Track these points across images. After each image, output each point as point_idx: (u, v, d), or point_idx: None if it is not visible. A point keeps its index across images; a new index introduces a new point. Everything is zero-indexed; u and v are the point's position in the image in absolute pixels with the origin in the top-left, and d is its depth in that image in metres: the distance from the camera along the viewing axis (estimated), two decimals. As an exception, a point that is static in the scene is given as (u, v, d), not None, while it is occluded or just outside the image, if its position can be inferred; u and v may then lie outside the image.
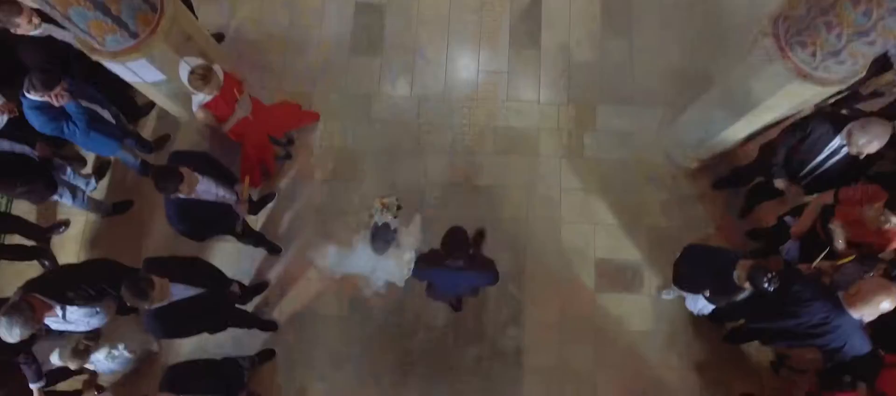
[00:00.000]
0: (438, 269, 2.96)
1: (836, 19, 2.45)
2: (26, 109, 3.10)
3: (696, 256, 3.38)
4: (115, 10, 2.60)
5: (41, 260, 3.98)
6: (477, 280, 3.13)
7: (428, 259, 3.04)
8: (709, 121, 3.58)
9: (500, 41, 4.55)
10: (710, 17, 4.58)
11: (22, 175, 3.35)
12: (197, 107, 3.16)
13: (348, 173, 4.25)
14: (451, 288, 3.34)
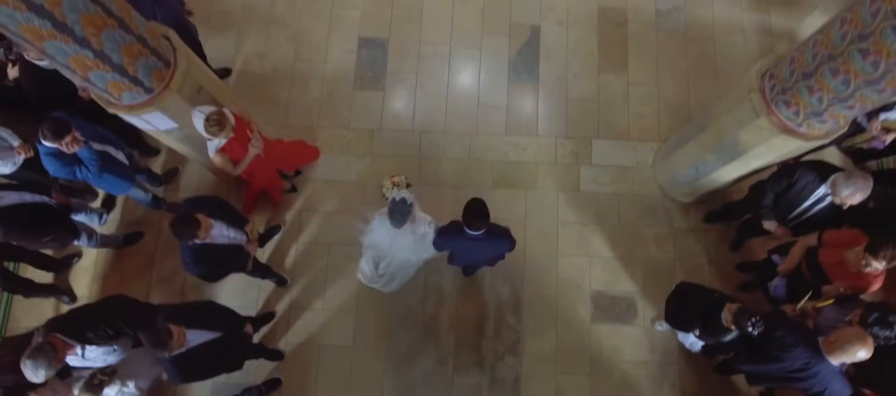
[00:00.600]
0: (459, 239, 3.14)
1: (817, 85, 2.58)
2: (42, 155, 3.23)
3: (686, 295, 3.52)
4: (133, 71, 2.73)
5: (60, 296, 4.11)
6: (496, 248, 3.31)
7: (449, 230, 3.22)
8: (700, 162, 3.72)
9: (500, 75, 4.68)
10: (704, 53, 4.72)
11: (47, 225, 3.48)
12: (213, 152, 3.29)
13: (352, 205, 4.38)
14: (472, 256, 3.53)
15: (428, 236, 3.33)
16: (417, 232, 3.33)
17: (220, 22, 4.78)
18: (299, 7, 4.82)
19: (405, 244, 3.37)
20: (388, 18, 4.79)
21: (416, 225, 3.31)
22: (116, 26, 2.52)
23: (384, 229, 3.31)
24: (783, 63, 2.83)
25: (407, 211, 3.13)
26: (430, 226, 3.32)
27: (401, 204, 3.12)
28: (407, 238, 3.32)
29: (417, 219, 3.32)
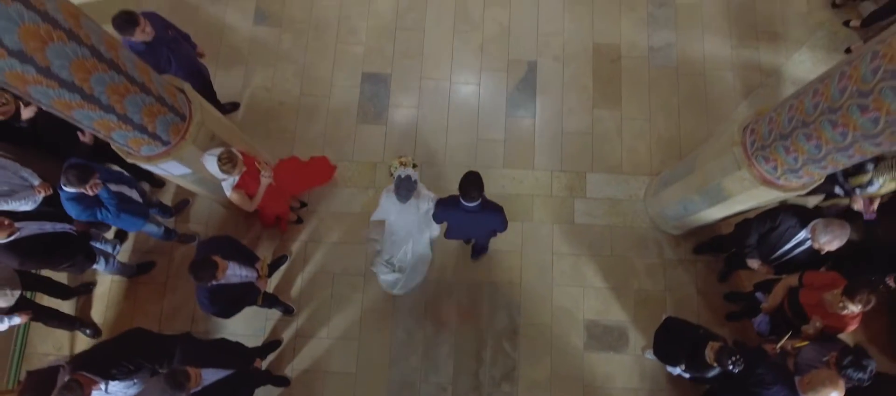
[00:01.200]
0: (455, 211, 3.36)
1: (792, 146, 2.76)
2: (63, 201, 3.42)
3: (672, 331, 3.71)
4: (152, 128, 2.92)
5: (82, 329, 4.29)
6: (490, 222, 3.53)
7: (446, 202, 3.45)
8: (687, 201, 3.90)
9: (498, 109, 4.86)
10: (694, 89, 4.90)
11: (65, 251, 3.67)
12: (230, 191, 3.46)
13: (356, 237, 4.56)
14: (467, 230, 3.75)
15: (431, 212, 3.62)
16: (421, 208, 3.62)
17: (229, 57, 4.96)
18: (305, 43, 5.00)
19: (410, 221, 3.68)
20: (390, 54, 4.97)
21: (420, 201, 3.60)
22: (138, 91, 2.70)
23: (391, 205, 3.61)
24: (762, 121, 3.01)
25: (412, 187, 3.39)
26: (432, 203, 3.59)
27: (406, 180, 3.39)
28: (412, 215, 3.62)
29: (422, 196, 3.62)
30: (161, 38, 3.63)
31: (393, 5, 5.09)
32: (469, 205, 3.24)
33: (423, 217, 3.63)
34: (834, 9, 5.05)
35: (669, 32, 5.01)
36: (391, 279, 4.04)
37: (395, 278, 4.03)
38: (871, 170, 3.54)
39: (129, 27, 3.32)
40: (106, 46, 2.46)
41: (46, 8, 2.08)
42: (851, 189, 3.69)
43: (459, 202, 3.26)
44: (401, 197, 3.41)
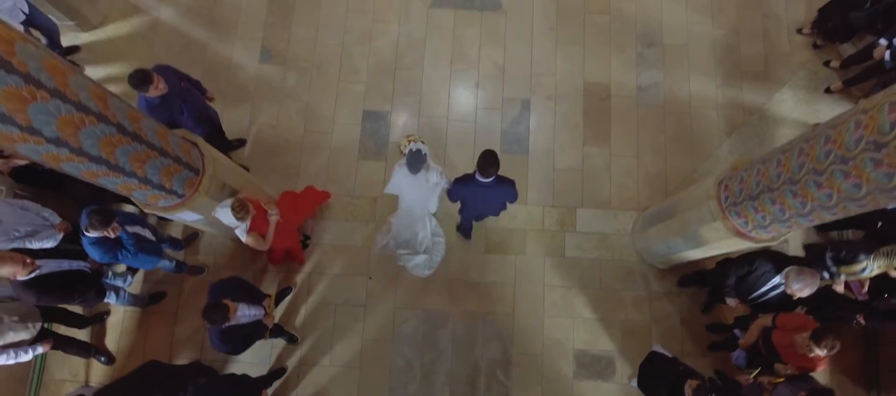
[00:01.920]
0: (471, 187, 3.65)
1: (760, 207, 2.99)
2: (86, 245, 3.65)
3: (655, 364, 3.95)
4: (169, 186, 3.15)
5: (97, 356, 4.53)
6: (503, 194, 3.80)
7: (462, 180, 3.72)
8: (670, 242, 4.13)
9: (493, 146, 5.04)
10: (681, 127, 5.12)
11: (78, 288, 3.90)
12: (245, 236, 3.68)
13: (357, 269, 4.80)
14: (481, 205, 4.01)
15: (439, 185, 4.01)
16: (430, 180, 3.98)
17: (236, 95, 5.19)
18: (308, 81, 5.24)
19: (419, 194, 4.06)
20: (389, 92, 5.21)
21: (429, 173, 3.95)
22: (158, 155, 2.94)
23: (403, 177, 3.97)
24: (735, 179, 3.24)
25: (422, 159, 3.72)
26: (440, 176, 3.96)
27: (417, 153, 3.73)
28: (422, 187, 3.99)
29: (430, 168, 3.96)
30: (174, 91, 3.86)
31: (393, 45, 5.32)
32: (484, 181, 3.53)
33: (432, 189, 4.04)
34: (815, 49, 5.27)
35: (657, 72, 5.24)
36: (420, 261, 4.63)
37: (422, 259, 4.62)
38: (864, 260, 3.52)
39: (144, 85, 3.55)
40: (129, 120, 2.70)
41: (80, 98, 2.32)
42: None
43: (475, 178, 3.56)
44: (412, 168, 3.74)
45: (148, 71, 3.58)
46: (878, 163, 2.13)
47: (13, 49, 1.98)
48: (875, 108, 2.15)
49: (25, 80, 2.03)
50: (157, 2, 5.47)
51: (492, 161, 3.41)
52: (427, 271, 4.73)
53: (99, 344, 4.66)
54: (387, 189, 4.20)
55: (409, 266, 4.74)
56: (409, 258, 4.69)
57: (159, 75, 3.68)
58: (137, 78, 3.55)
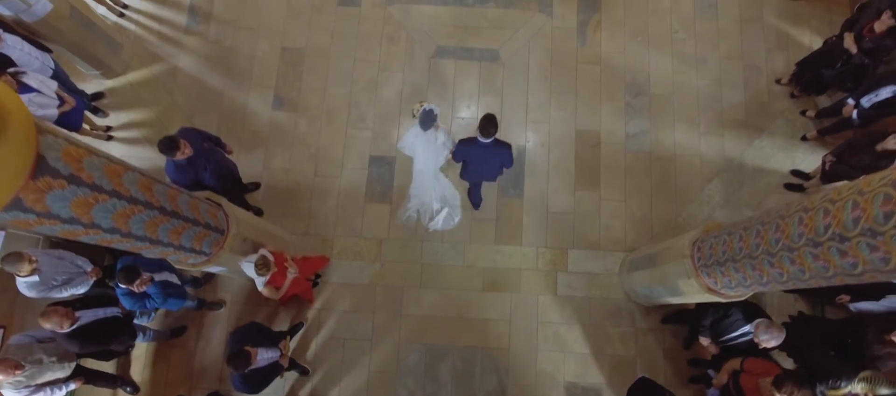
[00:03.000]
0: (473, 147, 4.21)
1: (726, 272, 3.36)
2: (119, 295, 4.03)
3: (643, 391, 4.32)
4: (199, 248, 3.52)
5: (124, 387, 4.90)
6: (500, 156, 4.32)
7: (465, 141, 4.30)
8: (652, 288, 4.49)
9: (490, 190, 5.44)
10: (666, 172, 5.49)
11: (113, 333, 4.28)
12: (262, 286, 4.05)
13: (364, 306, 5.17)
14: (482, 164, 4.51)
15: (446, 144, 4.60)
16: (438, 139, 4.55)
17: (250, 141, 5.56)
18: (318, 128, 5.60)
19: (430, 151, 4.64)
20: (394, 138, 5.57)
21: (438, 133, 4.52)
22: (191, 226, 3.31)
23: (415, 137, 4.60)
24: (706, 243, 3.61)
25: (433, 118, 4.32)
26: (446, 136, 4.59)
27: (429, 113, 4.31)
28: (430, 144, 4.57)
29: (440, 128, 4.53)
30: (198, 151, 4.22)
31: (397, 93, 5.69)
32: (484, 141, 4.05)
33: (440, 147, 4.61)
34: (792, 99, 5.63)
35: (644, 120, 5.60)
36: (444, 215, 5.19)
37: (445, 213, 5.19)
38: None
39: (172, 151, 3.91)
40: (169, 200, 3.07)
41: (131, 192, 2.69)
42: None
43: (476, 139, 4.09)
44: (424, 126, 4.34)
45: (175, 138, 3.95)
46: (816, 258, 2.50)
47: (82, 164, 2.35)
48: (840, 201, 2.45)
49: (91, 189, 2.40)
50: (176, 51, 5.84)
51: (491, 121, 3.96)
52: (456, 219, 5.30)
53: (125, 376, 5.03)
54: (400, 144, 4.96)
55: (438, 227, 5.28)
56: (435, 219, 5.23)
57: (185, 140, 4.04)
58: (166, 144, 3.91)
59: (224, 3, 5.98)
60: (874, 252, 2.17)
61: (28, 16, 4.62)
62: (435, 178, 5.09)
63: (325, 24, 5.90)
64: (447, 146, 4.62)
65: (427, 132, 4.44)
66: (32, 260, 3.91)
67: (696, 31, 5.83)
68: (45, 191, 2.15)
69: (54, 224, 2.33)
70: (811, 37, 5.80)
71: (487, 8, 5.93)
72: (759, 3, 5.92)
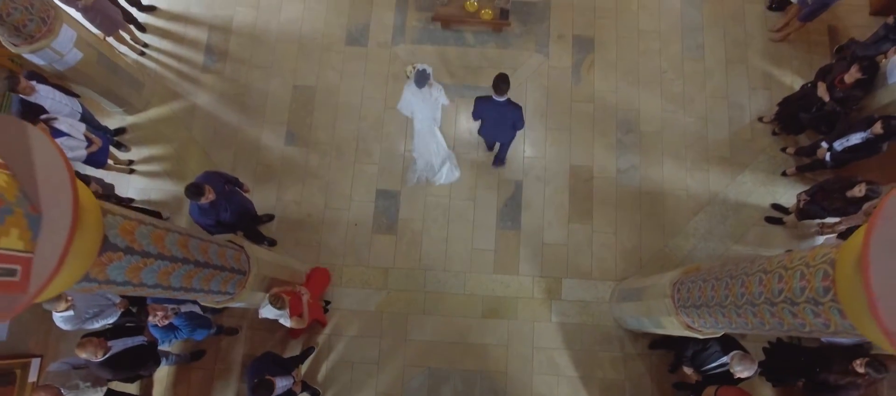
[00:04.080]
0: (488, 105, 4.63)
1: (702, 314, 3.72)
2: (150, 327, 4.40)
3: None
4: (224, 289, 3.88)
5: None
6: (513, 115, 4.70)
7: (482, 98, 4.69)
8: (639, 319, 4.85)
9: (489, 223, 5.81)
10: (654, 205, 5.84)
11: (141, 361, 4.64)
12: (288, 321, 4.40)
13: (371, 331, 5.53)
14: (497, 123, 4.90)
15: (440, 100, 5.05)
16: (433, 96, 4.94)
17: (264, 174, 5.92)
18: (328, 162, 5.96)
19: (427, 107, 5.08)
20: (399, 172, 5.93)
21: (433, 90, 4.92)
22: (219, 272, 3.67)
23: (411, 95, 4.97)
24: (684, 286, 3.96)
25: (426, 76, 4.77)
26: (441, 92, 4.99)
27: (422, 72, 4.75)
28: (426, 101, 4.97)
29: (434, 86, 4.93)
30: (219, 193, 4.58)
31: (401, 130, 6.05)
32: (499, 99, 4.50)
33: (435, 103, 5.05)
34: (773, 136, 5.99)
35: (634, 156, 5.96)
36: (446, 169, 5.71)
37: (447, 167, 5.70)
38: None
39: (198, 196, 4.27)
40: (201, 252, 3.43)
41: (172, 252, 3.05)
42: None
43: (491, 98, 4.53)
44: (418, 83, 4.77)
45: (201, 185, 4.30)
46: (773, 315, 2.86)
47: (134, 236, 2.71)
48: (791, 269, 2.80)
49: (141, 256, 2.76)
50: (194, 88, 6.20)
51: (503, 79, 4.41)
52: (456, 173, 5.82)
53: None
54: (399, 105, 5.26)
55: (443, 181, 5.79)
56: (438, 174, 5.74)
57: (209, 185, 4.41)
58: (192, 191, 4.27)
59: (239, 42, 6.34)
60: (817, 317, 2.52)
61: (60, 65, 4.98)
62: (432, 135, 5.52)
63: (334, 63, 6.26)
64: (441, 101, 5.10)
65: (422, 90, 4.88)
66: (68, 298, 4.28)
67: (683, 72, 6.19)
68: (107, 264, 2.51)
69: (111, 287, 2.70)
70: (792, 77, 6.16)
71: (487, 48, 6.29)
72: (744, 44, 6.28)
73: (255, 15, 6.42)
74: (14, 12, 4.35)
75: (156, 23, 6.43)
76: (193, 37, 6.37)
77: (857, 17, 6.33)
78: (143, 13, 6.40)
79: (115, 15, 5.68)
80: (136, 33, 6.27)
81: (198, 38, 6.37)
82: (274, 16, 6.41)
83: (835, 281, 2.34)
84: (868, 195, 4.52)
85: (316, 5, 6.43)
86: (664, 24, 6.35)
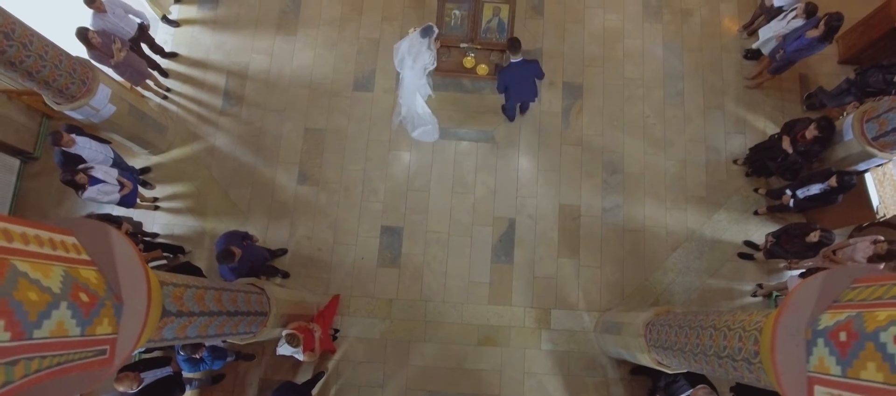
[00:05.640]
0: (509, 70, 5.39)
1: (668, 355, 4.24)
2: (180, 361, 4.93)
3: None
4: (249, 329, 4.40)
5: None
6: (533, 69, 5.47)
7: (502, 68, 5.56)
8: (619, 350, 5.37)
9: (484, 257, 6.33)
10: (636, 242, 6.37)
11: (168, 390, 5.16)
12: (302, 356, 4.92)
13: (376, 357, 6.05)
14: (522, 83, 5.57)
15: (428, 67, 5.72)
16: (424, 58, 5.61)
17: (279, 211, 6.45)
18: (336, 200, 6.49)
19: (413, 75, 5.70)
20: (402, 210, 6.46)
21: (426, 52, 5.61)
22: (245, 316, 4.19)
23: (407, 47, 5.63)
24: (655, 326, 4.48)
25: (432, 30, 5.51)
26: (432, 60, 5.69)
27: (429, 27, 5.51)
28: (413, 69, 5.63)
29: (431, 48, 5.62)
30: (241, 249, 5.11)
31: (404, 170, 6.57)
32: (516, 61, 5.27)
33: (422, 72, 5.67)
34: (747, 178, 6.51)
35: (618, 196, 6.48)
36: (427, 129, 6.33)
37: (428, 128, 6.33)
38: None
39: (230, 259, 4.78)
40: (231, 303, 3.95)
41: (210, 307, 3.57)
42: None
43: (510, 62, 5.30)
44: (423, 34, 5.51)
45: (231, 250, 4.78)
46: (720, 365, 3.37)
47: (183, 300, 3.23)
48: (734, 330, 3.32)
49: (188, 316, 3.29)
50: (213, 131, 6.73)
51: (515, 42, 5.22)
52: (434, 135, 6.45)
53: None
54: (395, 47, 5.86)
55: (416, 136, 6.44)
56: (418, 129, 6.33)
57: (234, 246, 4.90)
58: (223, 256, 4.76)
59: (254, 87, 6.87)
60: (751, 373, 3.04)
61: (96, 118, 5.51)
62: (416, 97, 6.08)
63: (343, 107, 6.79)
64: (430, 68, 5.67)
65: (417, 47, 5.51)
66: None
67: (665, 117, 6.72)
68: (162, 328, 3.03)
69: (163, 342, 3.22)
70: (765, 122, 6.68)
71: (484, 94, 6.81)
72: (721, 91, 6.80)
73: (269, 62, 6.95)
74: (59, 78, 4.87)
75: (177, 68, 6.96)
76: (212, 82, 6.90)
77: (826, 65, 6.84)
78: (165, 59, 6.92)
79: (142, 67, 6.21)
80: (160, 79, 6.79)
81: (216, 83, 6.90)
82: (287, 63, 6.93)
83: (760, 349, 2.86)
84: (822, 241, 5.04)
85: (325, 53, 6.96)
86: (648, 72, 6.87)
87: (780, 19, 5.93)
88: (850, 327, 2.18)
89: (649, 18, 7.05)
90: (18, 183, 6.54)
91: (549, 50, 6.94)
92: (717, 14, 7.08)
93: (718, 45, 6.96)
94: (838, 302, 2.43)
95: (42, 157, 6.68)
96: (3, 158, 6.37)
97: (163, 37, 7.02)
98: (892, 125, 4.78)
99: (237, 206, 6.46)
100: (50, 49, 4.72)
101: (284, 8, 7.16)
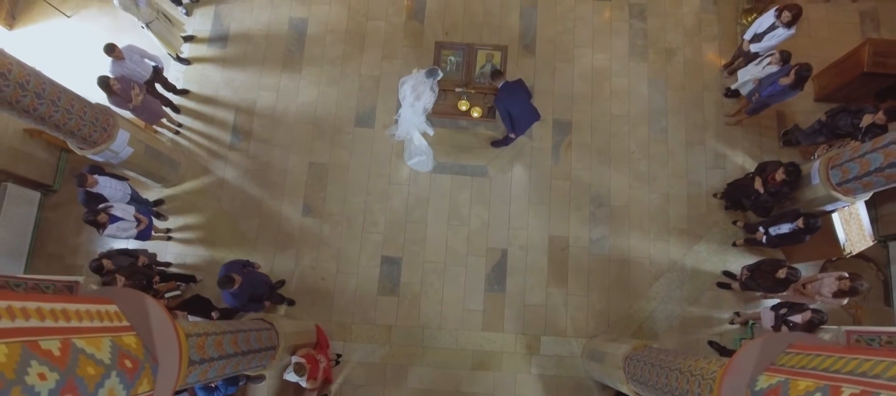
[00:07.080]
0: (507, 94, 5.79)
1: (643, 389, 4.63)
2: (197, 388, 5.33)
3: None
4: (260, 363, 4.80)
5: None
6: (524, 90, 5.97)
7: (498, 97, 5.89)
8: (603, 377, 5.77)
9: (478, 286, 6.72)
10: (621, 272, 6.76)
11: (191, 416, 5.57)
12: (306, 384, 5.32)
13: (376, 381, 6.45)
14: (522, 105, 5.95)
15: (427, 109, 5.93)
16: (423, 97, 5.83)
17: (284, 242, 6.84)
18: (339, 231, 6.88)
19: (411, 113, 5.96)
20: (401, 241, 6.85)
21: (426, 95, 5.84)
22: (256, 353, 4.59)
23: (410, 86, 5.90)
24: (633, 360, 4.88)
25: (436, 73, 5.82)
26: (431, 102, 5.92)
27: (434, 69, 5.81)
28: (413, 106, 5.88)
29: (432, 91, 5.86)
30: (242, 276, 5.50)
31: (403, 203, 6.97)
32: (510, 82, 5.79)
33: (420, 112, 5.90)
34: (726, 211, 6.90)
35: (605, 228, 6.88)
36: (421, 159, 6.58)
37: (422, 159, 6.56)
38: None
39: (230, 285, 5.17)
40: (245, 343, 4.35)
41: (227, 350, 3.96)
42: None
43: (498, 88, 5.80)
44: (428, 75, 5.80)
45: (231, 276, 5.19)
46: (685, 406, 3.77)
47: (204, 348, 3.63)
48: (696, 376, 3.72)
49: (209, 361, 3.68)
50: (222, 165, 7.12)
51: (497, 71, 5.86)
52: (429, 166, 6.77)
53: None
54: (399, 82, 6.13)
55: (411, 164, 6.74)
56: (414, 159, 6.61)
57: (235, 273, 5.30)
58: (224, 281, 5.16)
59: (261, 123, 7.27)
60: (710, 417, 3.44)
61: (115, 160, 5.90)
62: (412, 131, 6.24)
63: (345, 142, 7.18)
64: (428, 110, 5.92)
65: (421, 87, 5.80)
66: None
67: (649, 152, 7.11)
68: (187, 375, 3.43)
69: (186, 386, 3.61)
70: (744, 158, 7.07)
71: (478, 129, 7.20)
72: (702, 128, 7.20)
73: (275, 98, 7.34)
74: (83, 128, 5.27)
75: (189, 104, 7.35)
76: (222, 117, 7.30)
77: (803, 103, 7.23)
78: (177, 96, 7.31)
79: (157, 107, 6.60)
80: (172, 115, 7.18)
81: (225, 118, 7.29)
82: (292, 99, 7.33)
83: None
84: (788, 278, 5.44)
85: (329, 90, 7.35)
86: (633, 109, 7.27)
87: (757, 64, 6.32)
88: (777, 392, 2.57)
89: (635, 58, 7.45)
90: (39, 214, 6.94)
91: (540, 88, 7.33)
92: (699, 54, 7.47)
93: (700, 83, 7.36)
94: (774, 365, 2.82)
95: (61, 189, 7.08)
96: (25, 192, 6.76)
97: (175, 74, 7.41)
98: (854, 173, 5.17)
99: (245, 237, 6.85)
100: (76, 103, 5.11)
101: (289, 46, 7.56)
